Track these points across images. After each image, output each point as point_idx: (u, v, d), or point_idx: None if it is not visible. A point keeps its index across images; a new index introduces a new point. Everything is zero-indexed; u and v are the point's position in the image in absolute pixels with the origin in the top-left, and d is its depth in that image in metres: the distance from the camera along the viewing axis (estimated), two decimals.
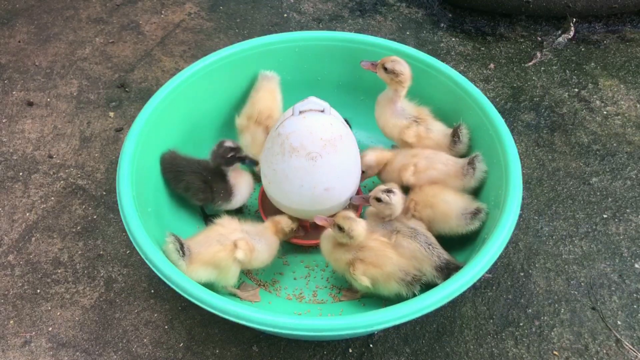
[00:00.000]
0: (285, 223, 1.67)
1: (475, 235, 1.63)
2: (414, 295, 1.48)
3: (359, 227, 1.52)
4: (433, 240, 1.61)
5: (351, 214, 1.56)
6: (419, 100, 1.90)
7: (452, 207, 1.63)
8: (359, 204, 1.75)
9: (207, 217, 1.84)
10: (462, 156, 1.81)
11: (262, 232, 1.64)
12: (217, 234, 1.57)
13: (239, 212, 1.80)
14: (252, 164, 1.78)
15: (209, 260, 1.52)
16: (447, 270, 1.53)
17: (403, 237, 1.60)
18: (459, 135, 1.79)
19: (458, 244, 1.65)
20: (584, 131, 2.26)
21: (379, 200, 1.59)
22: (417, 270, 1.53)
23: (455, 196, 1.66)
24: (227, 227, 1.60)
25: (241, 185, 1.76)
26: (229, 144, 1.71)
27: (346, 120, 1.74)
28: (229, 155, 1.70)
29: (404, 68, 1.78)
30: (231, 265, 1.55)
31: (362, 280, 1.53)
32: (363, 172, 1.83)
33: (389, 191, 1.59)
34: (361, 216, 1.76)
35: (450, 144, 1.81)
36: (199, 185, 1.73)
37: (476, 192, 1.74)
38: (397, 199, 1.59)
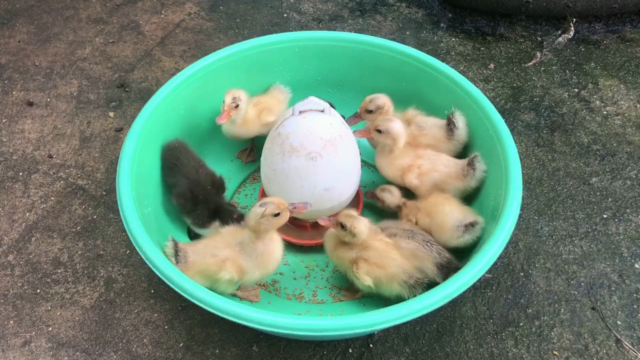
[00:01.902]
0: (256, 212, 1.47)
1: (473, 248, 1.60)
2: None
3: (361, 225, 1.52)
4: (431, 238, 1.61)
5: (354, 212, 1.56)
6: (418, 100, 1.90)
7: (448, 217, 1.61)
8: (324, 224, 1.58)
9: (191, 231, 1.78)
10: (463, 150, 1.82)
11: (263, 242, 1.52)
12: (213, 246, 1.53)
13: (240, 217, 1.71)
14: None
15: (201, 271, 1.50)
16: (447, 270, 1.53)
17: (400, 238, 1.60)
18: (453, 122, 1.78)
19: (460, 254, 1.63)
20: (584, 131, 2.25)
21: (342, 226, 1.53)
22: (420, 273, 1.53)
23: (456, 208, 1.64)
24: (225, 239, 1.54)
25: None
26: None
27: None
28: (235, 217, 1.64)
29: (383, 99, 1.81)
30: (222, 279, 1.51)
31: (365, 279, 1.52)
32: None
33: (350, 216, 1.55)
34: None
35: (448, 133, 1.80)
36: (186, 192, 1.67)
37: (476, 192, 1.74)
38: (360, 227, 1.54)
